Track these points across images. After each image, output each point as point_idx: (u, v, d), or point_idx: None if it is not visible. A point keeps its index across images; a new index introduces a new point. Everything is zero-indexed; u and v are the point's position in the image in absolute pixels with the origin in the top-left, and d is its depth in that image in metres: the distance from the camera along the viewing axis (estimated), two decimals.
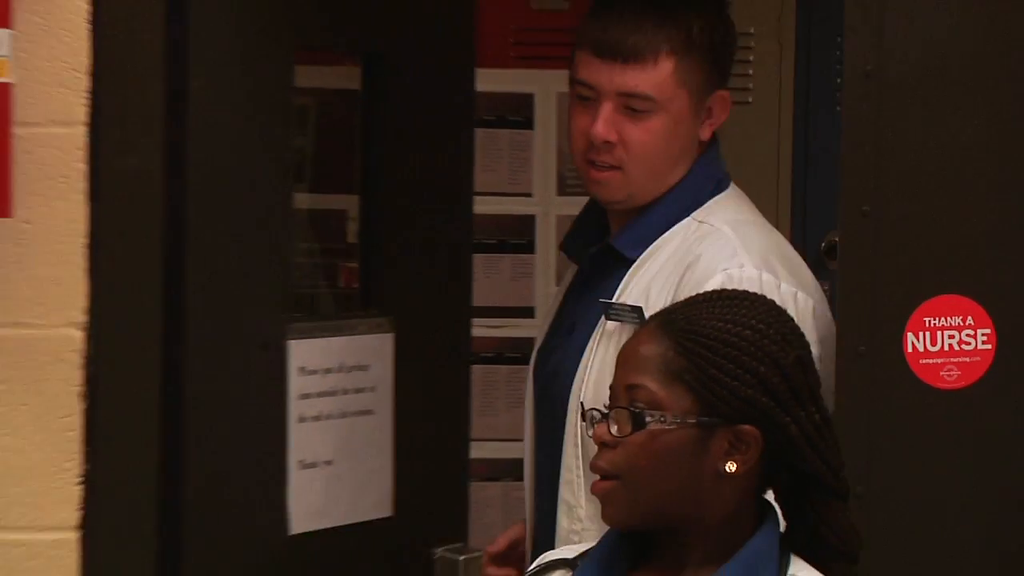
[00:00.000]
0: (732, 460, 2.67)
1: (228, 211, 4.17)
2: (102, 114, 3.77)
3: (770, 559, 2.78)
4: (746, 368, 2.71)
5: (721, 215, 3.86)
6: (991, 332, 3.86)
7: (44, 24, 3.75)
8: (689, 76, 3.78)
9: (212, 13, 4.10)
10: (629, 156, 3.75)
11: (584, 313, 3.99)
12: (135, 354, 3.87)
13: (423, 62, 4.97)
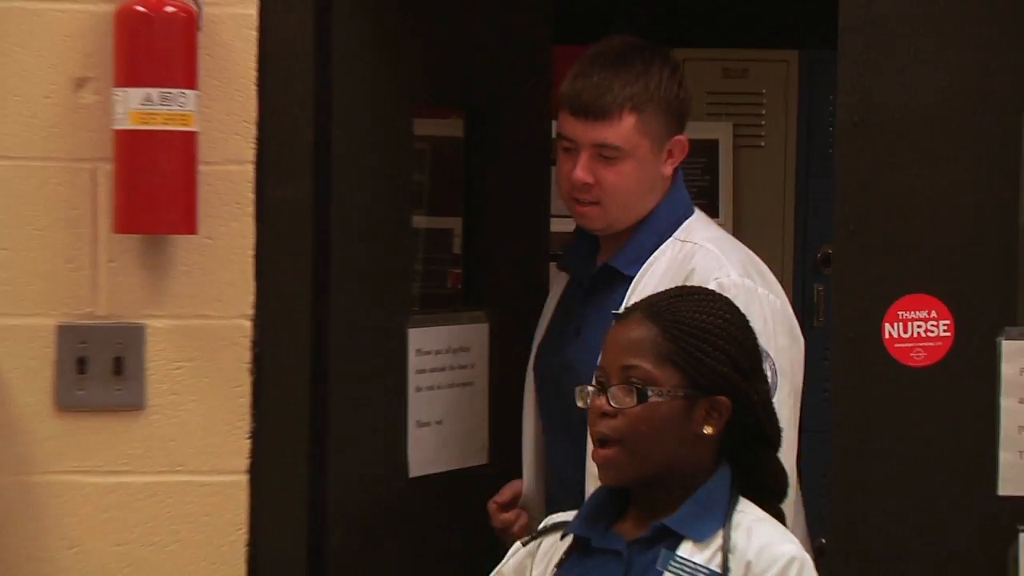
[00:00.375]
0: (709, 424, 2.95)
1: (362, 229, 4.43)
2: (265, 155, 4.01)
3: (722, 498, 3.03)
4: (721, 350, 3.01)
5: (700, 234, 4.02)
6: (951, 323, 4.04)
7: (221, 86, 3.96)
8: (649, 127, 3.91)
9: (350, 78, 4.34)
10: (604, 194, 3.90)
11: (591, 318, 4.06)
12: (291, 339, 4.13)
13: (511, 114, 5.17)
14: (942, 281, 4.14)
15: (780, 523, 3.12)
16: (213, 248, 4.00)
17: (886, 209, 4.24)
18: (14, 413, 3.97)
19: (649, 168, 3.93)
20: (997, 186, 4.28)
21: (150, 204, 3.88)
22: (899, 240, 4.21)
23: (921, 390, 4.13)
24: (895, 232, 4.21)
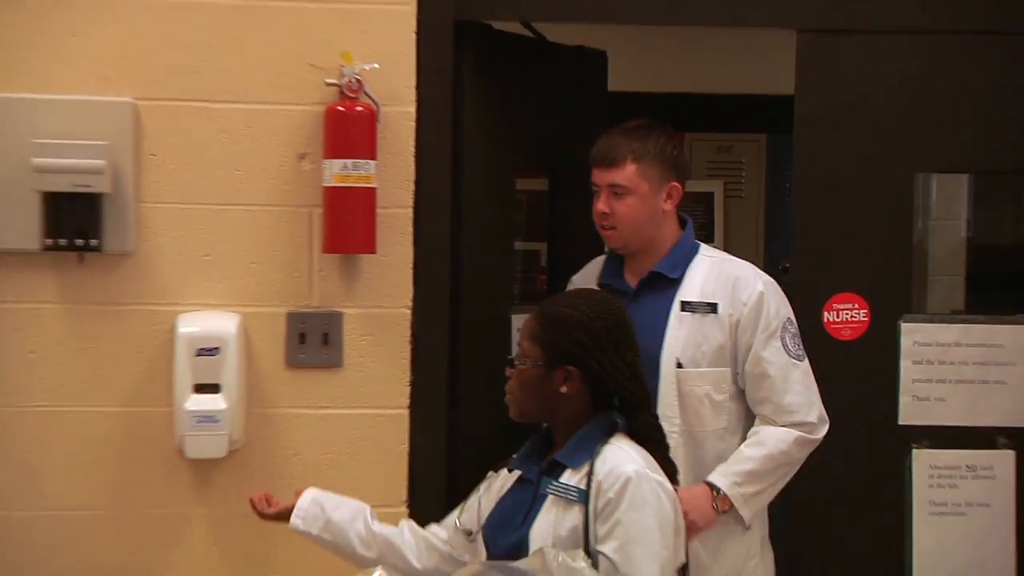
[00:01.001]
0: (565, 386, 3.25)
1: (481, 250, 4.73)
2: (419, 202, 4.31)
3: (595, 437, 3.26)
4: (570, 334, 3.30)
5: (718, 254, 4.18)
6: (867, 311, 4.44)
7: (391, 157, 4.21)
8: (647, 173, 3.94)
9: (473, 152, 4.62)
10: (618, 221, 3.96)
11: (641, 313, 3.85)
12: (436, 321, 4.41)
13: (576, 175, 4.95)
14: (861, 284, 4.50)
15: (651, 458, 3.26)
16: (386, 263, 4.28)
17: (823, 238, 4.60)
18: (260, 369, 4.28)
19: (649, 203, 3.97)
20: (897, 224, 4.64)
21: (346, 234, 4.21)
22: (833, 258, 4.56)
23: (848, 356, 4.50)
24: (830, 253, 4.57)
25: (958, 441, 4.47)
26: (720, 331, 3.89)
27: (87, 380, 4.25)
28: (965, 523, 4.39)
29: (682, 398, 3.88)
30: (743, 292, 3.89)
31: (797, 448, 3.81)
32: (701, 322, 3.90)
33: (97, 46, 4.21)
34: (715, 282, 3.93)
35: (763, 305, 3.87)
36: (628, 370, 3.31)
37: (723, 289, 3.92)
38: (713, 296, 3.91)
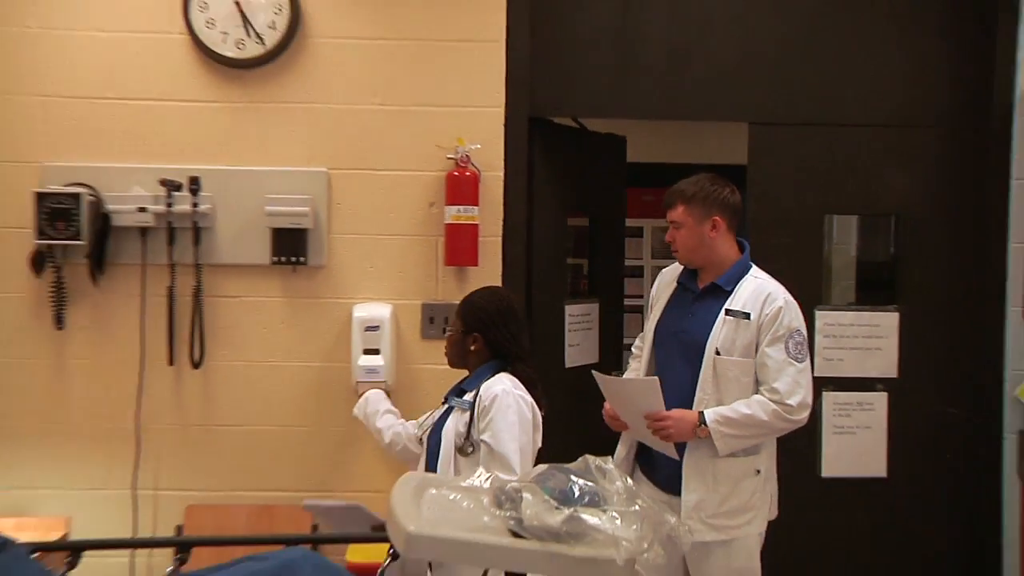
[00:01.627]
0: (475, 345, 3.68)
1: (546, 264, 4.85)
2: (505, 233, 4.58)
3: (485, 373, 3.66)
4: (473, 314, 3.73)
5: (762, 275, 3.99)
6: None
7: (488, 204, 4.50)
8: (691, 211, 3.89)
9: (540, 199, 4.81)
10: (677, 246, 3.96)
11: (701, 311, 3.98)
12: None
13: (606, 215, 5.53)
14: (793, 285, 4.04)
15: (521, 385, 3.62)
16: (483, 271, 4.54)
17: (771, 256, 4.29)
18: (404, 339, 4.58)
19: (695, 232, 3.91)
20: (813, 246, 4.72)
21: (459, 253, 4.50)
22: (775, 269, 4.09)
23: None
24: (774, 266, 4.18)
25: (851, 386, 4.65)
26: (749, 333, 3.86)
27: (298, 345, 4.62)
28: (855, 439, 4.60)
29: (717, 377, 3.86)
30: (768, 306, 3.86)
31: (772, 418, 3.78)
32: (737, 325, 3.88)
33: (303, 136, 4.55)
34: (753, 297, 3.91)
35: (779, 317, 3.85)
36: (512, 337, 3.71)
37: (756, 302, 3.89)
38: (748, 307, 3.88)
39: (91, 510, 4.55)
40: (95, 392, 4.59)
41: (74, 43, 4.53)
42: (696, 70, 4.67)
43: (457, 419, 3.64)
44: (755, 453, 3.87)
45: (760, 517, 3.91)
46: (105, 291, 4.55)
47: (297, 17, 4.50)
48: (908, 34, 4.68)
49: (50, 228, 4.33)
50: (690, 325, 3.98)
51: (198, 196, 4.44)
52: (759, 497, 3.87)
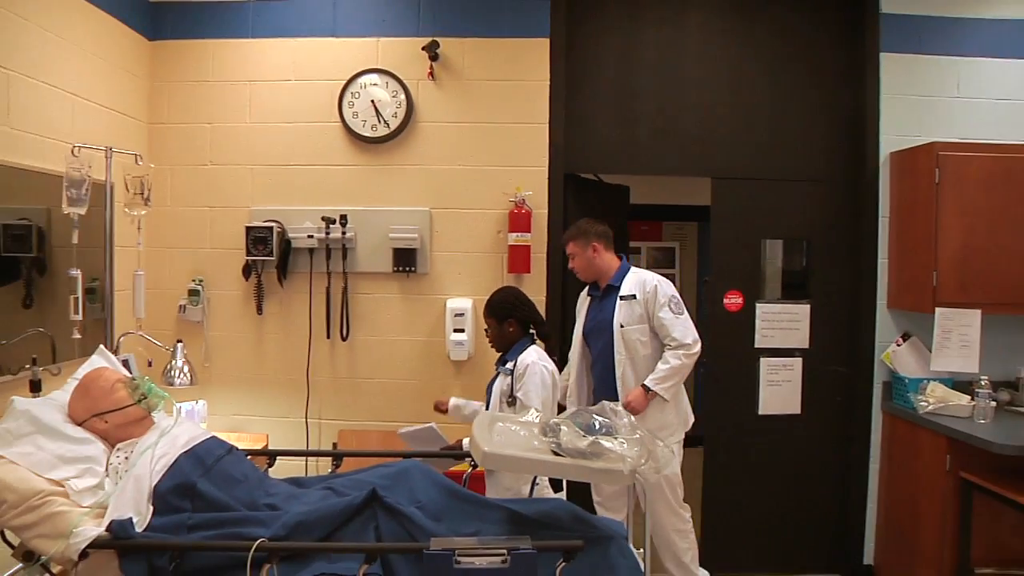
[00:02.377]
0: (511, 328, 3.61)
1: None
2: (549, 251, 4.54)
3: (521, 348, 3.63)
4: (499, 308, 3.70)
5: (639, 271, 4.09)
6: (743, 298, 4.65)
7: (537, 231, 4.49)
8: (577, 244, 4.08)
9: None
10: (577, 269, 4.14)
11: (606, 304, 4.07)
12: (553, 304, 4.55)
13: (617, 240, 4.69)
14: (740, 286, 4.66)
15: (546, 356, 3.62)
16: (533, 277, 4.56)
17: (724, 266, 4.71)
18: (480, 323, 4.14)
19: (584, 257, 4.09)
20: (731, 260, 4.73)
21: (518, 265, 4.48)
22: (727, 275, 4.68)
23: (734, 320, 4.68)
24: (727, 273, 4.69)
25: (778, 354, 4.68)
26: (638, 308, 3.99)
27: (410, 326, 4.65)
28: (780, 388, 4.67)
29: (625, 343, 3.98)
30: (647, 287, 3.98)
31: (683, 359, 3.91)
32: (630, 304, 4.00)
33: (414, 187, 4.59)
34: (635, 285, 4.03)
35: (657, 291, 3.96)
36: (532, 312, 3.72)
37: (638, 287, 4.01)
38: (633, 291, 4.01)
39: (280, 430, 4.70)
40: (282, 354, 4.72)
41: (270, 130, 4.68)
42: (673, 142, 4.68)
43: (502, 381, 3.65)
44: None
45: (679, 431, 4.04)
46: (287, 290, 4.68)
47: (411, 110, 4.58)
48: (814, 116, 4.70)
49: (254, 249, 4.50)
50: (601, 315, 4.12)
51: (346, 228, 4.52)
52: (672, 416, 3.97)
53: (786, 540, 4.74)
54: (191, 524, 2.45)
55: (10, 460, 2.47)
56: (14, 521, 2.38)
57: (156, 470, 2.57)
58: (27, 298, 3.49)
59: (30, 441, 2.56)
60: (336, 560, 2.35)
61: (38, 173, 3.50)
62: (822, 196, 4.73)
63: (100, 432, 2.78)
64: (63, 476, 2.50)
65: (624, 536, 2.61)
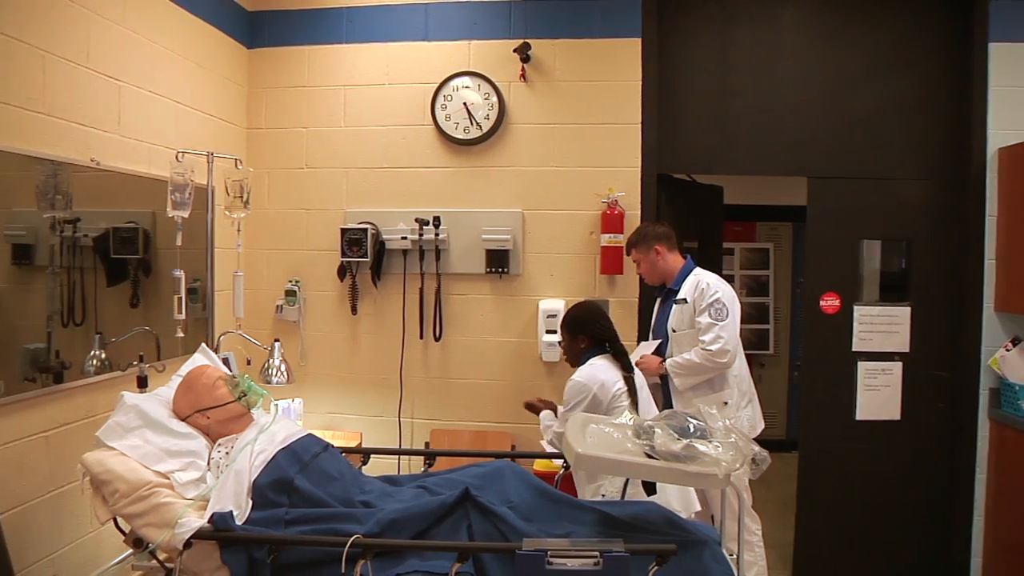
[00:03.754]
0: (584, 344, 3.49)
1: None
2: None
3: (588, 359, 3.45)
4: (574, 324, 3.55)
5: (702, 273, 4.06)
6: (840, 300, 4.52)
7: (628, 231, 4.30)
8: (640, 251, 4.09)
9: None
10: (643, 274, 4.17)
11: (666, 307, 4.13)
12: (641, 305, 4.45)
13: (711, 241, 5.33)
14: (837, 287, 4.53)
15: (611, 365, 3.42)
16: (626, 279, 4.50)
17: (820, 268, 4.59)
18: None
19: (648, 262, 4.11)
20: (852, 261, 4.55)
21: (610, 266, 4.45)
22: (824, 277, 4.55)
23: (832, 322, 4.53)
24: (823, 275, 4.56)
25: (877, 358, 4.54)
26: (688, 311, 3.99)
27: (502, 327, 4.66)
28: (879, 393, 4.51)
29: (677, 347, 3.99)
30: (696, 289, 3.97)
31: (702, 359, 3.89)
32: (682, 309, 4.01)
33: (506, 188, 4.62)
34: (689, 288, 4.02)
35: (704, 294, 3.93)
36: (604, 328, 3.55)
37: (691, 291, 4.01)
38: (686, 295, 4.01)
39: (373, 429, 4.76)
40: (375, 354, 4.77)
41: (364, 134, 4.74)
42: (770, 140, 4.58)
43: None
44: (720, 390, 3.94)
45: None
46: (381, 291, 4.73)
47: (503, 112, 4.59)
48: (916, 112, 4.55)
49: (349, 251, 4.57)
50: (661, 316, 4.15)
51: (439, 229, 4.55)
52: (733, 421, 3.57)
53: (884, 553, 4.60)
54: (288, 519, 2.53)
55: (121, 452, 2.62)
56: (125, 509, 2.51)
57: (255, 465, 2.66)
58: (134, 298, 3.61)
59: (138, 435, 2.70)
60: (428, 558, 2.40)
61: (145, 178, 3.66)
62: (924, 195, 4.56)
63: (202, 427, 2.91)
64: (168, 469, 2.63)
65: (717, 541, 2.61)
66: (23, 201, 2.97)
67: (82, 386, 3.27)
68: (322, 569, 2.39)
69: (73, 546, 3.25)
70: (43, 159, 3.01)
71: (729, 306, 3.92)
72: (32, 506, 3.01)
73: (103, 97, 3.41)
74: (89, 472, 2.58)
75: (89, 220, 3.28)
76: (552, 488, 2.77)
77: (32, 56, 2.98)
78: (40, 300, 3.05)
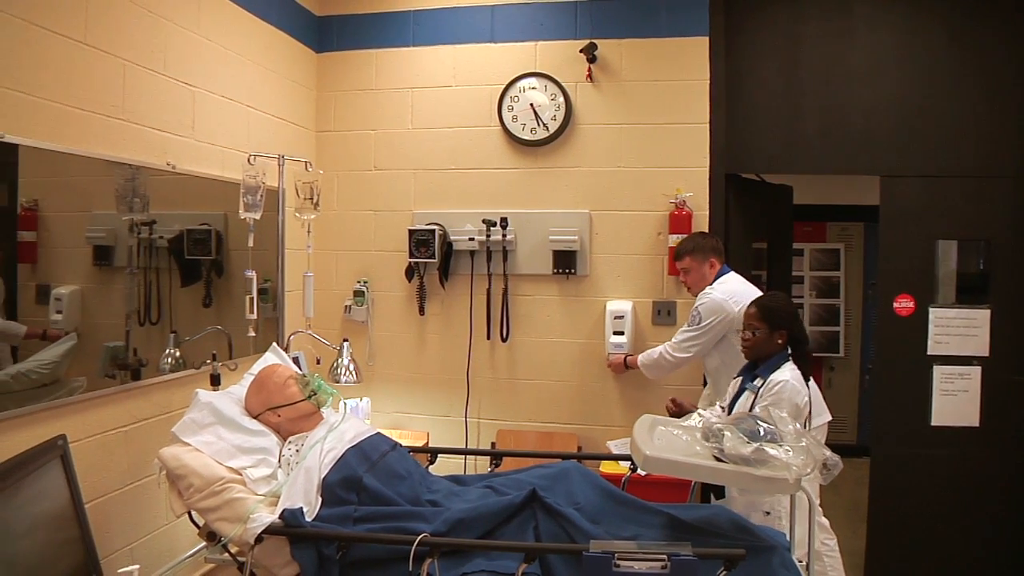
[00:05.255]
0: (780, 340, 3.24)
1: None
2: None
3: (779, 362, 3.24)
4: (778, 315, 3.28)
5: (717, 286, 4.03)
6: (914, 303, 4.41)
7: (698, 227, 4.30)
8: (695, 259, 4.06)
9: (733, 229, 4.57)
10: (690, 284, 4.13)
11: None
12: None
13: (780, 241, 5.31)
14: (911, 289, 4.41)
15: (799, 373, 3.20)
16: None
17: (893, 269, 4.45)
18: (640, 325, 4.51)
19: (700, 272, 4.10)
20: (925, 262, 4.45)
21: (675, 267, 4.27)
22: (897, 279, 4.45)
23: (905, 325, 4.43)
24: (895, 277, 4.46)
25: (954, 362, 4.41)
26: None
27: (569, 328, 4.66)
28: (956, 398, 4.39)
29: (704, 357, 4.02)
30: (697, 300, 4.06)
31: (662, 354, 4.10)
32: None
33: (573, 189, 4.62)
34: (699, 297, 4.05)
35: (696, 303, 4.03)
36: (803, 331, 3.33)
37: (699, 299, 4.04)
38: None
39: (440, 428, 4.80)
40: (443, 355, 4.81)
41: (431, 135, 4.79)
42: (839, 140, 4.50)
43: (747, 399, 3.30)
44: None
45: None
46: (448, 291, 4.77)
47: (570, 112, 4.59)
48: (995, 107, 4.42)
49: (416, 252, 4.62)
50: None
51: (506, 230, 4.58)
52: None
53: (961, 566, 4.46)
54: (357, 516, 2.58)
55: (195, 448, 2.71)
56: (199, 504, 2.59)
57: (325, 463, 2.71)
58: (207, 298, 3.71)
59: (212, 431, 2.79)
60: (495, 558, 2.43)
61: (217, 181, 3.76)
62: (1005, 193, 4.42)
63: (273, 425, 2.99)
64: (241, 465, 2.71)
65: (787, 547, 2.58)
66: (103, 204, 3.07)
67: (158, 383, 3.36)
68: (389, 567, 2.43)
69: (150, 537, 3.33)
70: (122, 163, 3.11)
71: (705, 317, 3.94)
72: (113, 498, 3.10)
73: (179, 103, 3.50)
74: (165, 467, 2.67)
75: (164, 222, 3.37)
76: (618, 490, 2.79)
77: (114, 65, 3.08)
78: (119, 300, 3.14)
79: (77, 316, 2.89)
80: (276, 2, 4.38)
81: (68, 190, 2.87)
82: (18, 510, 2.05)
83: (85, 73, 2.92)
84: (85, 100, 2.92)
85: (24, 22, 2.64)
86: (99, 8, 2.98)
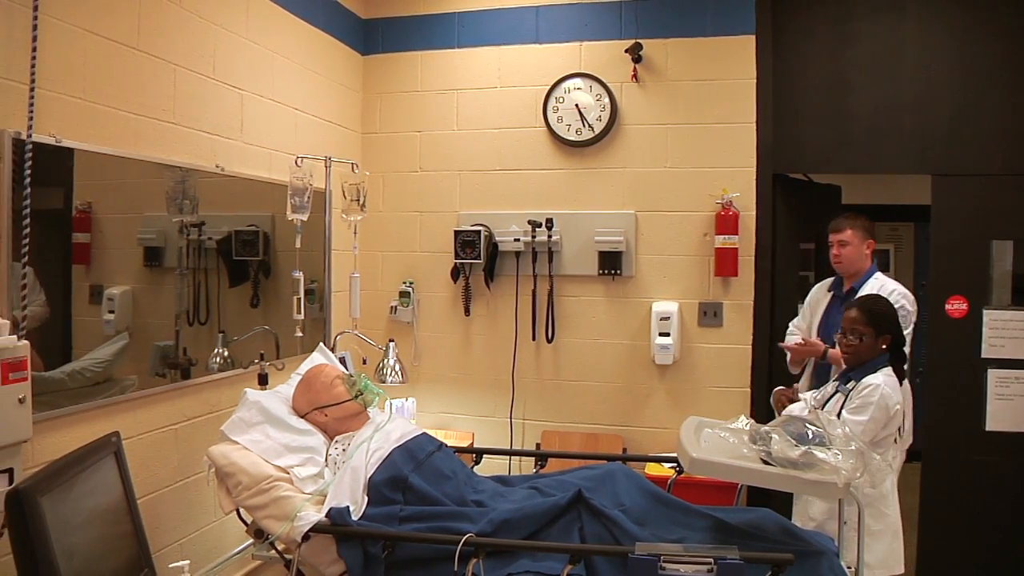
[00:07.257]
0: (885, 345, 3.21)
1: (783, 274, 4.58)
2: (757, 253, 4.43)
3: (877, 365, 3.20)
4: (885, 320, 3.25)
5: (884, 280, 3.95)
6: (967, 304, 4.31)
7: (745, 233, 4.36)
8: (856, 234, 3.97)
9: (780, 232, 4.54)
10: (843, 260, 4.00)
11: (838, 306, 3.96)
12: (762, 307, 4.43)
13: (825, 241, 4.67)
14: (963, 290, 4.33)
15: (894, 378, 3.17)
16: (742, 280, 4.44)
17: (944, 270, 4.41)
18: (686, 326, 4.48)
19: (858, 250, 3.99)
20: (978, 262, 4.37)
21: (725, 268, 4.42)
22: (949, 280, 4.36)
23: (958, 327, 4.34)
24: (947, 278, 4.38)
25: (1009, 365, 4.30)
26: None
27: (614, 329, 4.65)
28: (1012, 403, 4.29)
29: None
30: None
31: None
32: None
33: (619, 190, 4.61)
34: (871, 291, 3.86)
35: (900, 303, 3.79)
36: (903, 336, 3.31)
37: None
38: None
39: (485, 429, 4.83)
40: (488, 355, 4.84)
41: (476, 136, 4.82)
42: (889, 137, 4.44)
43: (837, 401, 3.28)
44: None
45: None
46: (494, 292, 4.80)
47: (615, 113, 4.59)
48: None
49: (462, 252, 4.66)
50: (832, 319, 4.02)
51: (552, 231, 4.60)
52: None
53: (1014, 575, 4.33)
54: (403, 516, 2.60)
55: (244, 446, 2.75)
56: (247, 501, 2.64)
57: (371, 463, 2.75)
58: (254, 298, 3.76)
59: (260, 430, 2.83)
60: (540, 559, 2.44)
61: (265, 183, 3.80)
62: None
63: (320, 424, 3.03)
64: (288, 464, 2.74)
65: (835, 552, 2.55)
66: (154, 206, 3.11)
67: (207, 382, 3.40)
68: (434, 566, 2.45)
69: (199, 534, 3.38)
70: (173, 166, 3.15)
71: (912, 314, 3.85)
72: (163, 494, 3.14)
73: (227, 106, 3.54)
74: (214, 464, 2.73)
75: (213, 223, 3.42)
76: (664, 492, 2.79)
77: (165, 70, 3.13)
78: (169, 300, 3.18)
79: (128, 316, 2.93)
80: (322, 5, 4.42)
81: (120, 192, 2.91)
82: (75, 503, 2.09)
83: (137, 78, 2.96)
84: (137, 104, 2.96)
85: (80, 29, 2.68)
86: (150, 13, 3.02)
